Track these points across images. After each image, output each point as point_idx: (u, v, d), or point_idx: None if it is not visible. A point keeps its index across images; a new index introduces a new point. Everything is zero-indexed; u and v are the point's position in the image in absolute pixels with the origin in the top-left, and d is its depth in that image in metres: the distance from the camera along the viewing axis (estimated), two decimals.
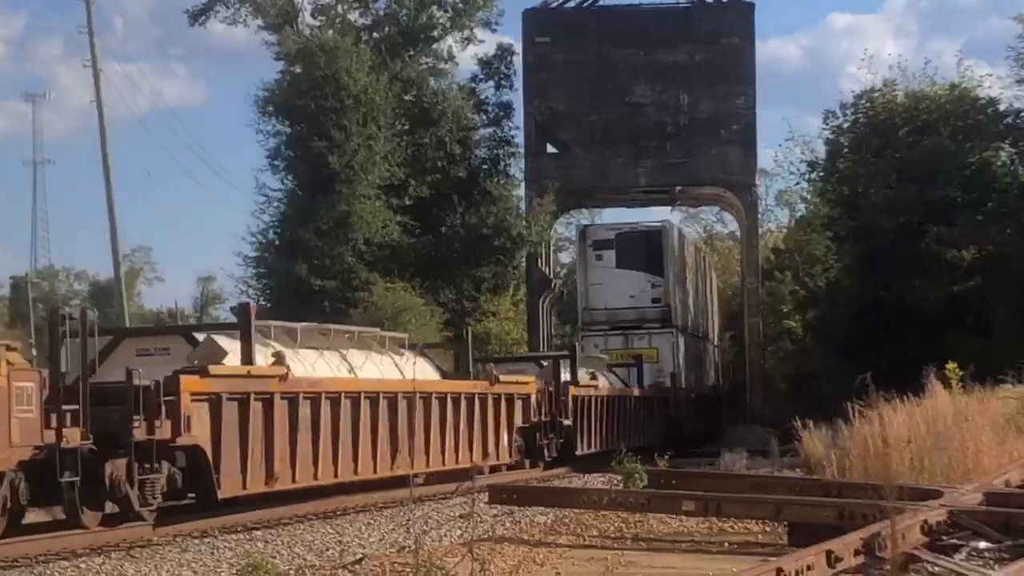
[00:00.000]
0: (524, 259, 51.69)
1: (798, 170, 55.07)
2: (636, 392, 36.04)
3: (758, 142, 52.47)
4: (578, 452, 29.35)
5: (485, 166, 55.21)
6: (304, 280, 48.80)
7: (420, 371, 23.53)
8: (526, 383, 27.01)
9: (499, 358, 34.50)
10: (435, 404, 23.04)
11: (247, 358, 18.32)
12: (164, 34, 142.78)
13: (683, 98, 50.88)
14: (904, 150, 43.89)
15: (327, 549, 15.31)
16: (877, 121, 45.71)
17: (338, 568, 13.69)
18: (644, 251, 41.59)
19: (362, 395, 20.73)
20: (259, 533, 16.57)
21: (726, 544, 15.82)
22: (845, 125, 47.50)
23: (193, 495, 17.80)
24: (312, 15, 55.57)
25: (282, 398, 18.53)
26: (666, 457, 25.69)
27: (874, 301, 42.08)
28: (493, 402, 25.16)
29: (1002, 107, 44.81)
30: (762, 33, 52.78)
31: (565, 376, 29.66)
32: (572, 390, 29.27)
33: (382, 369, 22.68)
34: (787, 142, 62.76)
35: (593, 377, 32.24)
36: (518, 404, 26.26)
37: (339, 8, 55.89)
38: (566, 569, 13.86)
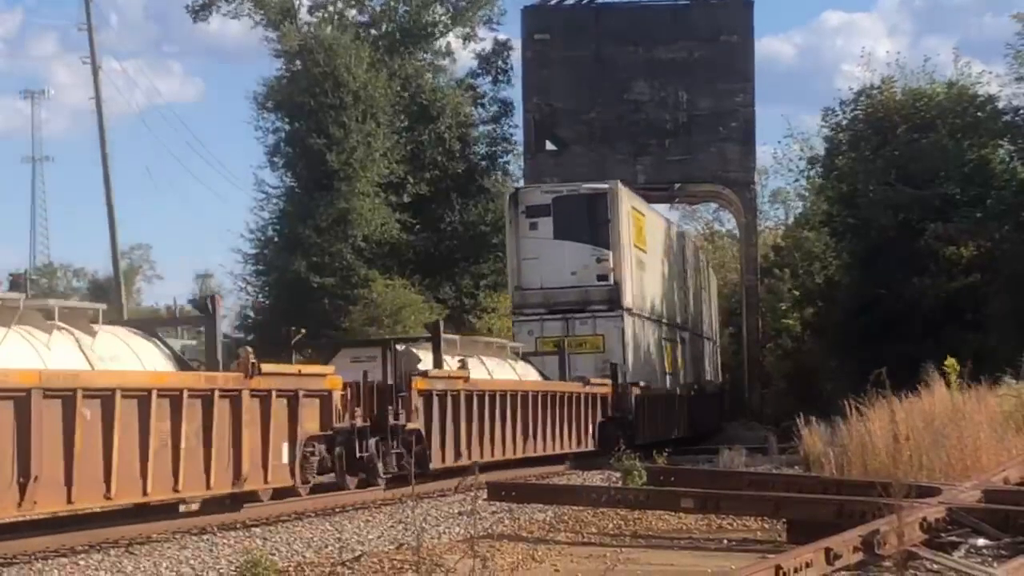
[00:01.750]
0: None
1: (797, 167, 55.13)
2: (539, 387, 28.23)
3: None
4: (433, 465, 22.42)
5: (484, 163, 55.27)
6: (303, 277, 48.88)
7: (137, 358, 16.98)
8: (319, 375, 19.45)
9: (343, 342, 26.44)
10: (127, 408, 15.47)
11: None
12: (159, 31, 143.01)
13: (682, 95, 50.97)
14: (903, 147, 43.88)
15: (326, 546, 15.31)
16: (876, 118, 45.71)
17: (337, 565, 13.69)
18: (588, 218, 34.83)
19: None
20: (258, 530, 16.58)
21: (725, 541, 15.83)
22: (844, 122, 47.50)
23: None
24: (309, 12, 55.67)
25: None
26: (664, 454, 25.74)
27: (873, 298, 42.04)
28: (259, 402, 17.73)
29: (1001, 104, 44.80)
30: (756, 31, 52.89)
31: (426, 364, 23.57)
32: (418, 383, 22.13)
33: (29, 353, 15.38)
34: (786, 139, 62.64)
35: (463, 366, 24.54)
36: (307, 404, 18.78)
37: (337, 4, 55.93)
38: (565, 566, 13.86)
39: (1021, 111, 44.13)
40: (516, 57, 55.43)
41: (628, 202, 36.29)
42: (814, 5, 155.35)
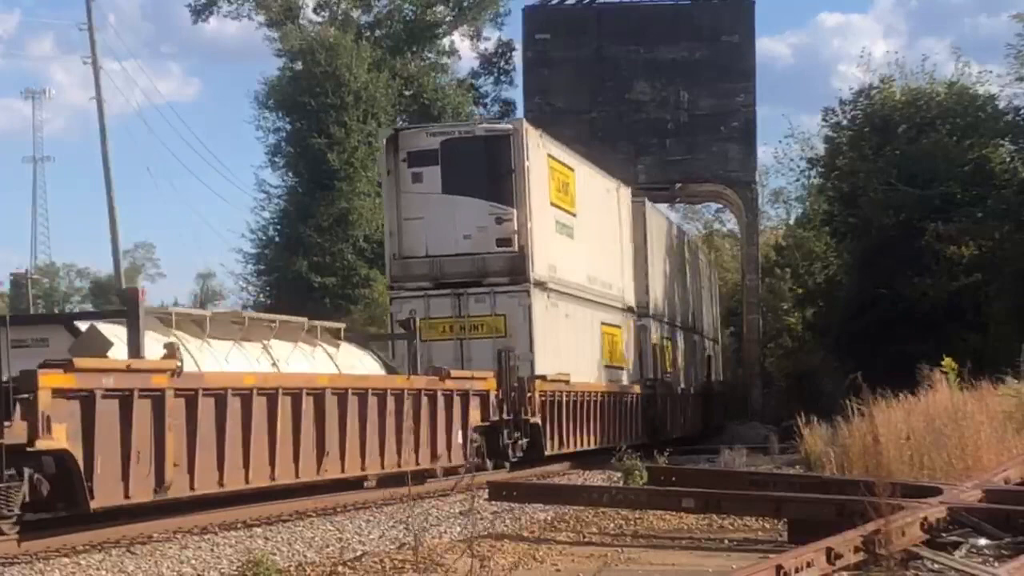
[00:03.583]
0: None
1: (798, 167, 55.23)
2: (345, 383, 20.02)
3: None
4: (97, 502, 15.08)
5: None
6: (304, 277, 48.94)
7: None
8: None
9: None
10: None
11: None
12: (156, 31, 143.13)
13: (683, 95, 50.93)
14: (903, 147, 43.93)
15: (327, 546, 15.32)
16: (876, 118, 45.75)
17: (338, 565, 13.70)
18: (486, 167, 27.98)
19: None
20: (259, 530, 16.59)
21: (726, 541, 15.83)
22: (844, 122, 47.54)
23: None
24: (314, 11, 55.79)
25: None
26: (666, 454, 25.75)
27: (873, 298, 42.09)
28: None
29: (1001, 104, 44.85)
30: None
31: (116, 351, 16.45)
32: (53, 379, 14.57)
33: None
34: (787, 139, 62.77)
35: (172, 354, 16.56)
36: None
37: (341, 5, 56.04)
38: (566, 566, 13.87)
39: (1022, 111, 44.18)
40: (518, 57, 55.52)
41: (542, 148, 29.51)
42: (810, 6, 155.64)
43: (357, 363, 21.77)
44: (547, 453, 27.30)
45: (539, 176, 28.78)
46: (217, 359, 18.25)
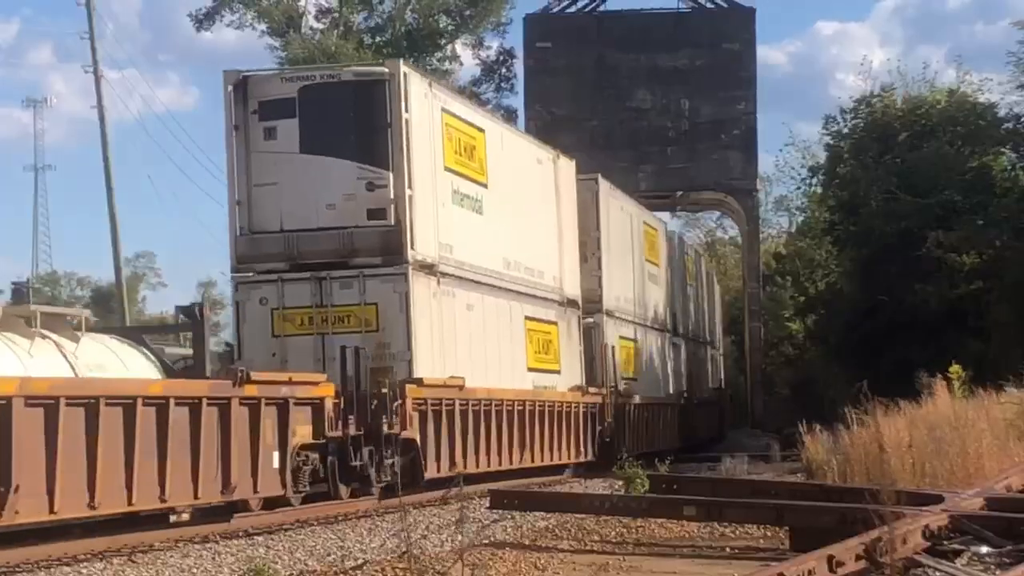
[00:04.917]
0: None
1: (799, 175, 55.27)
2: (44, 391, 14.53)
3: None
4: None
5: None
6: None
7: None
8: None
9: None
10: None
11: None
12: (154, 40, 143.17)
13: (684, 103, 51.05)
14: (904, 155, 43.94)
15: (328, 554, 15.31)
16: (877, 126, 45.75)
17: (339, 573, 13.70)
18: (355, 121, 22.53)
19: None
20: (260, 538, 16.59)
21: (727, 549, 15.84)
22: (845, 130, 47.55)
23: None
24: (315, 18, 55.87)
25: None
26: (667, 462, 25.74)
27: (874, 306, 42.07)
28: None
29: (1001, 112, 44.88)
30: None
31: None
32: None
33: None
34: (787, 147, 62.85)
35: None
36: None
37: (343, 11, 56.11)
38: (567, 574, 13.87)
39: (1022, 119, 44.19)
40: (519, 65, 55.60)
41: (433, 100, 24.00)
42: (808, 15, 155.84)
43: (113, 362, 16.83)
44: (428, 476, 22.10)
45: (426, 133, 23.33)
46: None
